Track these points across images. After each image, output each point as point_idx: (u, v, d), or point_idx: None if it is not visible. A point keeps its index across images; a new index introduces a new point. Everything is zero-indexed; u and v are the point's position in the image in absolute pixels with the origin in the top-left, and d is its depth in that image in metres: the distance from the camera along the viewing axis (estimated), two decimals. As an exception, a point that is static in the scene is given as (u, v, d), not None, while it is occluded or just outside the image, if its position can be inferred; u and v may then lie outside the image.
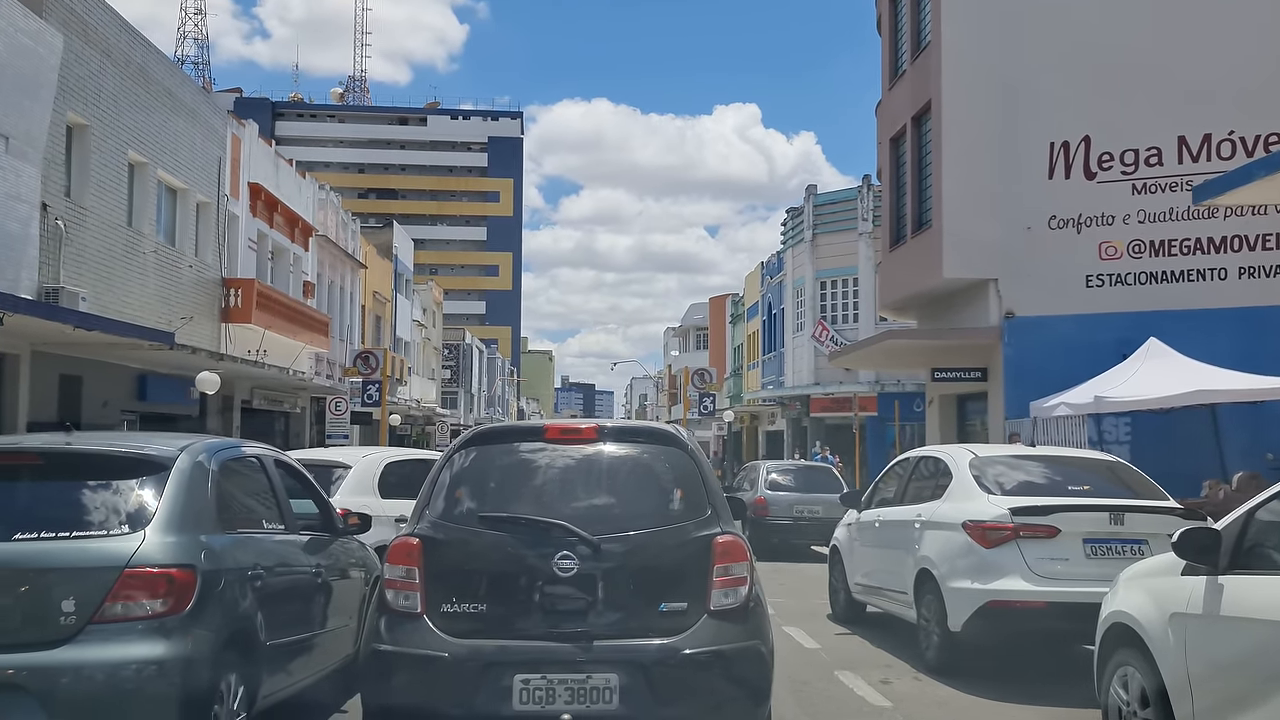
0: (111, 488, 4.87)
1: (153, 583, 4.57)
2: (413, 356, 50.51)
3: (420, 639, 4.76)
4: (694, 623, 4.78)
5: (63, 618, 4.41)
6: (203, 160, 23.38)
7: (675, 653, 4.70)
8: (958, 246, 18.72)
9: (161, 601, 4.56)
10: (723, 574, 4.86)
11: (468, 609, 4.79)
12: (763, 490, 16.23)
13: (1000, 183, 18.56)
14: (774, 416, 43.13)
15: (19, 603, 4.46)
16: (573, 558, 4.75)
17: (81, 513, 4.76)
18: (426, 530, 4.98)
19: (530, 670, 4.64)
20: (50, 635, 4.39)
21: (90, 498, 4.85)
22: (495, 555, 4.87)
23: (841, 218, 35.63)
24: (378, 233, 45.63)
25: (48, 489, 4.94)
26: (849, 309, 35.48)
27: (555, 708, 4.61)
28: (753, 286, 48.65)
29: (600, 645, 4.69)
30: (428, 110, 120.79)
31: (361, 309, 39.56)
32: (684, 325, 77.37)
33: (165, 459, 5.06)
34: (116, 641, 4.43)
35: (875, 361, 24.87)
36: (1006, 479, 7.67)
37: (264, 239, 28.13)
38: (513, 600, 4.80)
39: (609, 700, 4.62)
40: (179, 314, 21.73)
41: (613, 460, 5.19)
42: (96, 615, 4.44)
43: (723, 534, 4.96)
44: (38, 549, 4.54)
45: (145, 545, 4.63)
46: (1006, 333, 18.46)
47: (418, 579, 4.84)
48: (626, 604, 4.79)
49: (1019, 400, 18.13)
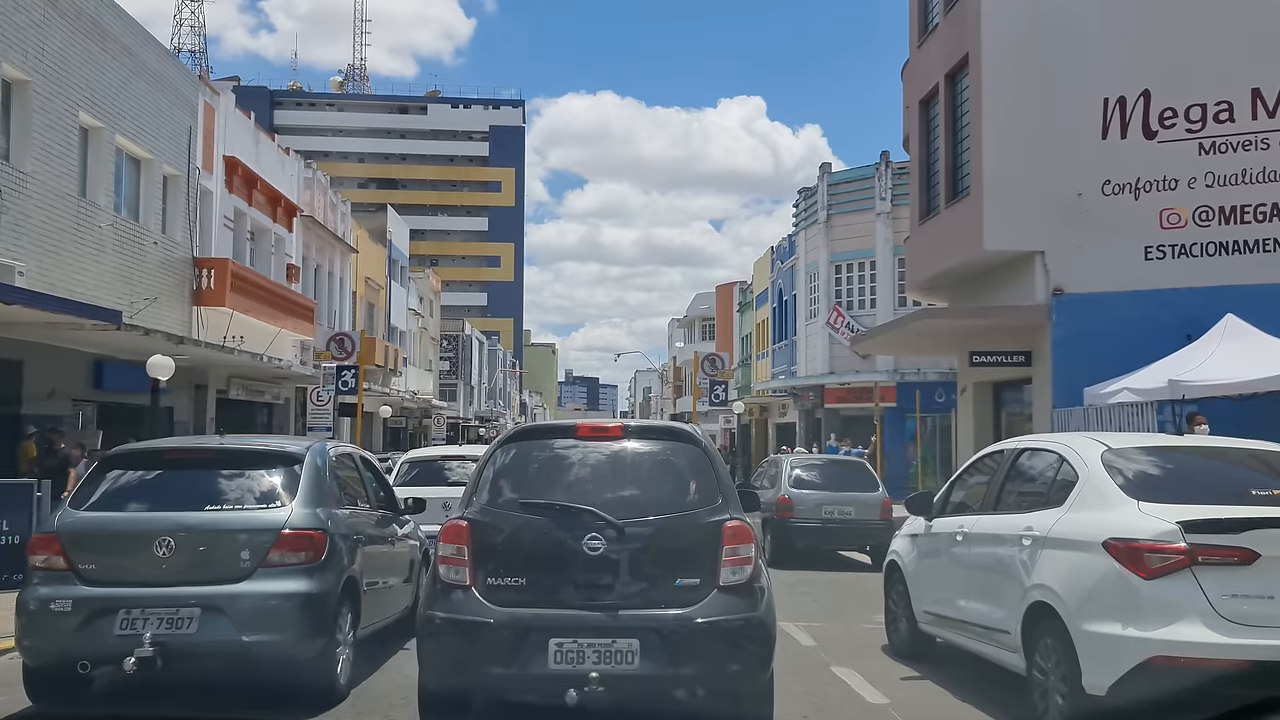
0: (264, 474, 6.74)
1: (300, 540, 6.42)
2: (408, 347, 48.62)
3: (469, 607, 5.42)
4: (705, 596, 5.39)
5: (241, 563, 6.30)
6: (170, 128, 21.49)
7: (689, 622, 5.31)
8: (1000, 216, 16.78)
9: (305, 554, 6.41)
10: (731, 554, 5.48)
11: (510, 582, 5.45)
12: (787, 488, 14.14)
13: (1048, 144, 16.62)
14: (785, 408, 41.20)
15: (213, 552, 6.32)
16: (600, 539, 5.38)
17: (246, 491, 6.63)
18: (474, 514, 5.66)
19: (563, 635, 5.26)
20: (234, 574, 6.27)
21: (250, 481, 6.70)
22: (533, 536, 5.51)
23: (858, 197, 33.64)
24: (370, 216, 43.72)
25: (219, 475, 6.70)
26: (866, 294, 33.51)
27: (584, 667, 5.21)
28: (762, 273, 46.69)
29: (624, 614, 5.32)
30: (428, 99, 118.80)
31: (353, 295, 37.67)
32: (689, 316, 75.34)
33: (299, 454, 6.91)
34: (278, 579, 6.30)
35: (902, 346, 22.91)
36: (1160, 480, 5.63)
37: (242, 217, 26.24)
38: (549, 575, 5.44)
39: (630, 661, 5.24)
40: (143, 294, 19.87)
41: (636, 455, 5.85)
42: (264, 562, 6.31)
43: (731, 519, 5.57)
44: (222, 516, 6.45)
45: (293, 515, 6.49)
46: (1055, 311, 16.54)
47: (467, 556, 5.51)
48: (647, 579, 5.42)
49: (1069, 386, 16.24)
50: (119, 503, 6.59)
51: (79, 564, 6.26)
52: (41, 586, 6.27)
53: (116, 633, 6.06)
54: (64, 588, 6.20)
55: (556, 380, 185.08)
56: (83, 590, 6.18)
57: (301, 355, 31.10)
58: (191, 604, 6.14)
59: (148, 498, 6.66)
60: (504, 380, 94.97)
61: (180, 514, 6.43)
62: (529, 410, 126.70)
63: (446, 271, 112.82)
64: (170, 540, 6.25)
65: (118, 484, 6.71)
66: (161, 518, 6.40)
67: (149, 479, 6.83)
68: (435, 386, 56.74)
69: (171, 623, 6.09)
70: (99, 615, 6.11)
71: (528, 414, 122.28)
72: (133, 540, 6.34)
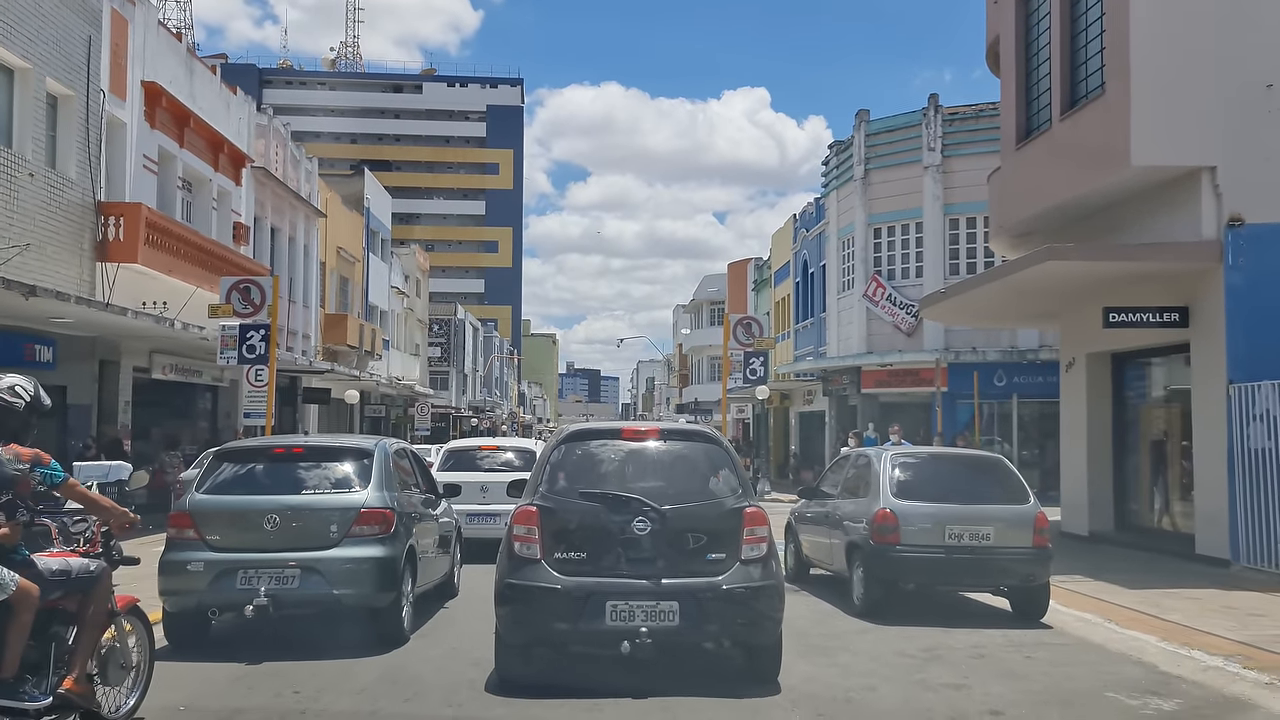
0: (344, 464, 8.53)
1: (375, 517, 8.15)
2: (391, 328, 44.05)
3: (540, 576, 6.67)
4: (730, 567, 6.69)
5: (330, 534, 8.04)
6: (58, 35, 16.93)
7: (718, 588, 6.62)
8: (1154, 120, 12.25)
9: (379, 528, 8.14)
10: (750, 534, 6.77)
11: (572, 556, 6.71)
12: (887, 499, 9.31)
13: (1220, 24, 12.10)
14: (811, 395, 36.55)
15: (309, 526, 8.07)
16: (645, 521, 6.65)
17: (332, 478, 8.42)
18: (540, 501, 6.90)
19: (618, 599, 6.56)
20: (326, 543, 8.00)
21: (334, 470, 8.48)
22: (591, 519, 6.77)
23: (902, 148, 29.01)
24: (345, 181, 39.06)
25: (310, 465, 8.55)
26: (910, 260, 28.88)
27: (635, 624, 6.50)
28: (782, 245, 42.08)
29: (666, 583, 6.59)
30: (423, 77, 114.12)
31: (321, 266, 33.08)
32: (696, 300, 70.57)
33: (369, 448, 8.73)
34: (360, 547, 8.02)
35: (984, 310, 18.17)
36: None
37: (170, 161, 21.69)
38: (604, 550, 6.70)
39: (672, 620, 6.53)
40: (11, 240, 15.36)
41: (671, 453, 7.22)
42: (348, 533, 8.05)
43: (750, 506, 6.90)
44: (316, 499, 8.26)
45: (369, 497, 8.22)
46: (1231, 249, 12.04)
47: (537, 535, 6.76)
48: (683, 554, 6.69)
49: (1250, 352, 11.80)
50: (234, 487, 8.34)
51: (207, 535, 8.00)
52: (179, 551, 8.01)
53: (239, 586, 7.79)
54: (196, 553, 7.94)
55: (557, 372, 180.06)
56: (210, 555, 7.93)
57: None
58: (293, 565, 7.87)
59: (255, 484, 8.41)
60: (501, 369, 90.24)
61: (282, 497, 8.19)
62: (528, 401, 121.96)
63: (442, 257, 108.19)
64: (275, 517, 8.01)
65: (232, 472, 8.48)
66: (267, 500, 8.15)
67: (255, 469, 8.59)
68: (423, 373, 52.17)
69: (279, 579, 7.82)
70: (224, 574, 7.84)
71: (526, 405, 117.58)
72: (247, 516, 8.07)
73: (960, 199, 27.78)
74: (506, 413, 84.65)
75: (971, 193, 27.54)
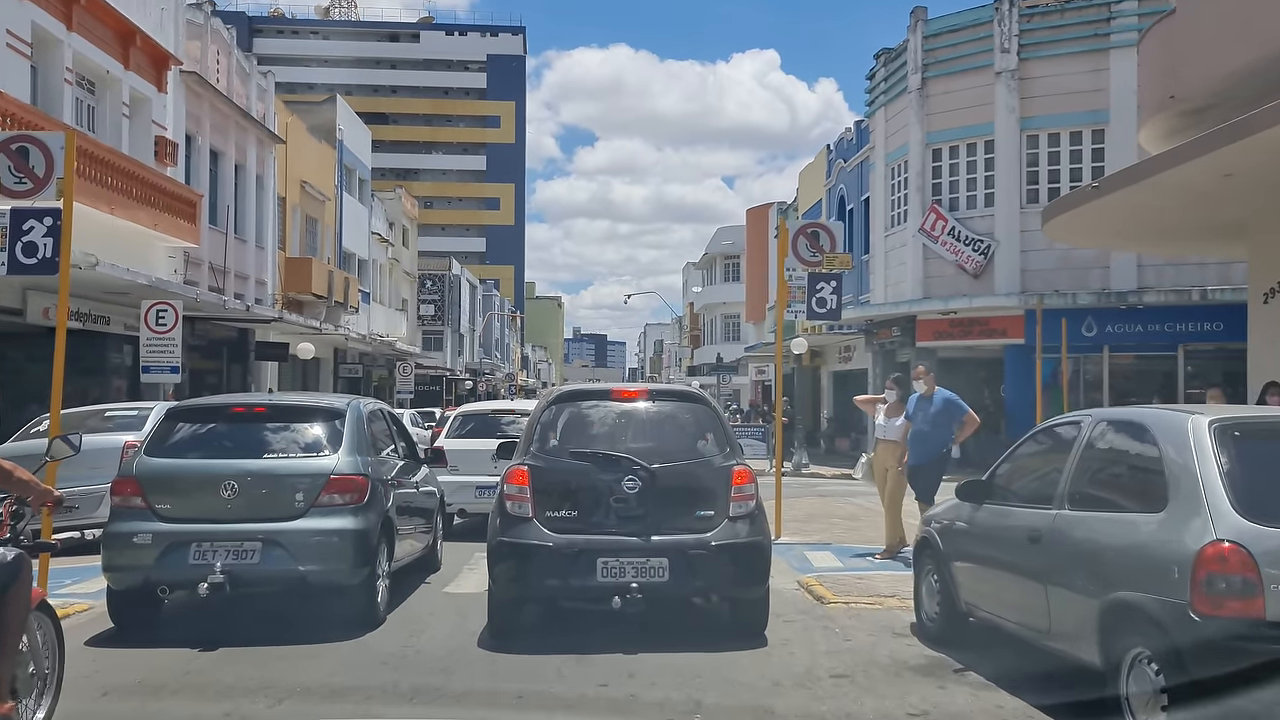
0: (312, 426, 7.74)
1: (346, 484, 7.40)
2: (371, 280, 39.37)
3: (532, 533, 6.79)
4: (718, 524, 6.87)
5: (296, 503, 7.27)
6: None
7: (706, 544, 6.79)
8: None
9: (351, 495, 7.39)
10: (738, 492, 6.95)
11: (564, 514, 6.84)
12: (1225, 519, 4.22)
13: None
14: (849, 351, 31.84)
15: (271, 494, 7.28)
16: (635, 480, 6.80)
17: (299, 441, 7.65)
18: (531, 461, 7.01)
19: (608, 555, 6.69)
20: (291, 513, 7.23)
21: (301, 432, 7.70)
22: (581, 478, 6.90)
23: (969, 51, 24.11)
24: (313, 109, 34.25)
25: (274, 426, 7.73)
26: (978, 187, 24.08)
27: (625, 579, 6.62)
28: (812, 183, 37.25)
29: (655, 539, 6.75)
30: (421, 25, 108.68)
31: (280, 202, 28.38)
32: (710, 254, 65.68)
33: (340, 408, 7.92)
34: (328, 517, 7.26)
35: (1143, 222, 13.22)
36: None
37: (52, 45, 16.99)
38: (595, 508, 6.85)
39: (661, 575, 6.70)
40: None
41: (660, 413, 7.42)
42: (315, 502, 7.29)
43: (738, 465, 7.07)
44: (280, 463, 7.46)
45: (339, 462, 7.47)
46: None
47: (528, 494, 6.86)
48: (672, 511, 6.87)
49: None
50: (188, 450, 7.50)
51: (155, 503, 7.18)
52: (124, 522, 7.17)
53: (191, 562, 7.00)
54: (143, 524, 7.10)
55: (563, 336, 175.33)
56: (160, 526, 7.11)
57: (186, 271, 22.02)
58: (255, 538, 7.08)
59: (211, 446, 7.59)
60: (502, 330, 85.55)
61: (241, 461, 7.35)
62: (532, 365, 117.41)
63: (441, 215, 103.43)
64: (233, 484, 7.19)
65: (185, 434, 7.64)
66: (225, 465, 7.32)
67: (212, 429, 7.78)
68: (412, 331, 47.55)
69: (237, 554, 7.02)
70: (175, 547, 7.04)
71: (530, 369, 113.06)
72: (201, 483, 7.27)
73: (1041, 110, 22.98)
74: (505, 375, 79.99)
75: (1055, 102, 22.76)
